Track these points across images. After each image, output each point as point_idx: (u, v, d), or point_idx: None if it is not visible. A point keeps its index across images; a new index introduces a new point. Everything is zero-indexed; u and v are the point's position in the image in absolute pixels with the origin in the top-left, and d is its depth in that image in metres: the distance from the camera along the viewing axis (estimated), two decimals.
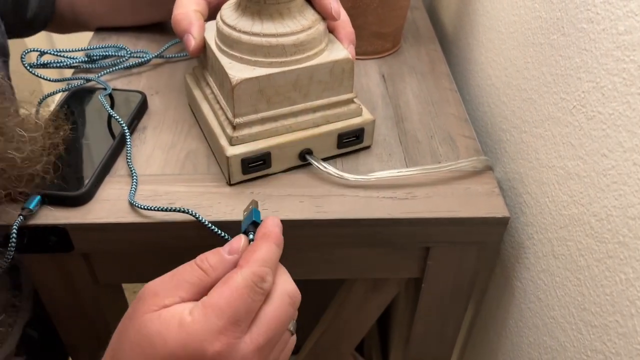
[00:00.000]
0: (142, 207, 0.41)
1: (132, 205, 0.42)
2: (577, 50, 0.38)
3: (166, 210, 0.41)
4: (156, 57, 0.58)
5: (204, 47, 0.46)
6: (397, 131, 0.51)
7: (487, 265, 0.56)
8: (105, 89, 0.51)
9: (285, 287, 0.35)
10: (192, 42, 0.45)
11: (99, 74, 0.55)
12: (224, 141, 0.44)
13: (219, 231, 0.41)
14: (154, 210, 0.41)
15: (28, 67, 0.52)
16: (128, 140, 0.47)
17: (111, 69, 0.56)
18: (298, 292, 0.35)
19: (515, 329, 0.50)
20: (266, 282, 0.33)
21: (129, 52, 0.57)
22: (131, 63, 0.57)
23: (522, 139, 0.47)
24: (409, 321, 0.55)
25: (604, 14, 0.35)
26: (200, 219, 0.41)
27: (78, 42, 0.64)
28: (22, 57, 0.52)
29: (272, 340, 0.33)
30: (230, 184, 0.44)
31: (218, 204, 0.43)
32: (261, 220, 0.37)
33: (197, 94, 0.48)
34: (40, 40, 1.62)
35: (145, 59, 0.57)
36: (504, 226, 0.44)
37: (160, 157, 0.47)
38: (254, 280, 0.33)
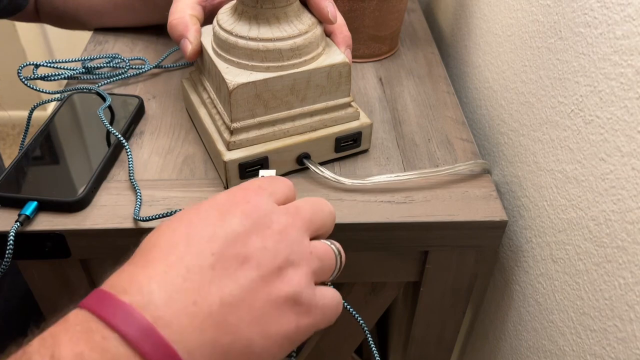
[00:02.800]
0: (144, 219, 0.41)
1: (137, 220, 0.41)
2: (575, 54, 0.38)
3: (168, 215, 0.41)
4: (155, 67, 0.57)
5: (200, 51, 0.46)
6: (394, 134, 0.51)
7: (486, 269, 0.56)
8: (104, 100, 0.51)
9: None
10: (189, 46, 0.45)
11: (98, 85, 0.54)
12: (221, 146, 0.43)
13: None
14: (156, 219, 0.41)
15: (24, 80, 0.52)
16: (129, 154, 0.46)
17: (110, 80, 0.55)
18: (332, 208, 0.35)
19: (514, 333, 0.50)
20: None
21: (127, 63, 0.57)
22: (130, 74, 0.56)
23: (520, 142, 0.47)
24: (408, 324, 0.55)
25: (601, 18, 0.35)
26: None
27: (78, 52, 0.63)
28: (18, 72, 0.51)
29: (303, 219, 0.32)
30: (227, 189, 0.44)
31: None
32: None
33: (194, 98, 0.48)
34: (39, 50, 1.62)
35: (144, 69, 0.57)
36: (502, 230, 0.44)
37: (157, 162, 0.47)
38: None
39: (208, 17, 0.49)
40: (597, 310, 0.37)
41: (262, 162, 0.44)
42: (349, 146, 0.47)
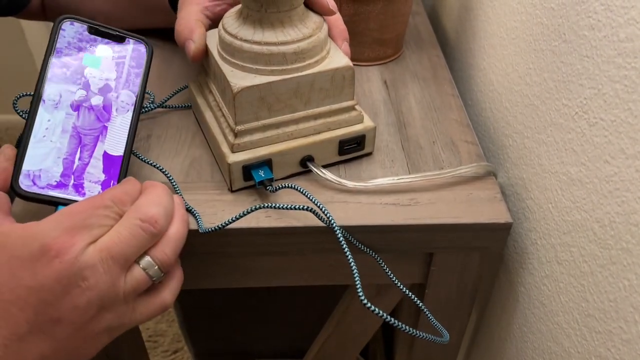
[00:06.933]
0: (210, 230, 0.41)
1: (204, 233, 0.41)
2: (579, 57, 0.38)
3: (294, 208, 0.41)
4: (159, 107, 0.53)
5: (205, 53, 0.46)
6: (399, 137, 0.51)
7: (491, 271, 0.56)
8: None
9: (139, 210, 0.35)
10: (192, 45, 0.45)
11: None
12: (225, 148, 0.44)
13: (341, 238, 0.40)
14: (217, 230, 0.41)
15: (21, 113, 0.45)
16: (176, 187, 0.44)
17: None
18: (155, 216, 0.35)
19: (520, 335, 0.50)
20: (116, 206, 0.35)
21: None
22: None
23: (524, 145, 0.47)
24: (413, 326, 0.55)
25: (605, 21, 0.35)
26: (334, 227, 0.40)
27: None
28: (14, 103, 0.47)
29: (117, 259, 0.33)
30: (231, 191, 0.45)
31: (222, 212, 0.43)
32: None
33: (201, 101, 0.49)
34: None
35: (147, 108, 0.52)
36: (507, 232, 0.44)
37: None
38: (106, 198, 0.35)
39: (212, 25, 0.49)
40: (602, 312, 0.37)
41: (265, 165, 0.44)
42: (353, 149, 0.47)
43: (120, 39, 0.44)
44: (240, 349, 1.10)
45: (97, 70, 0.42)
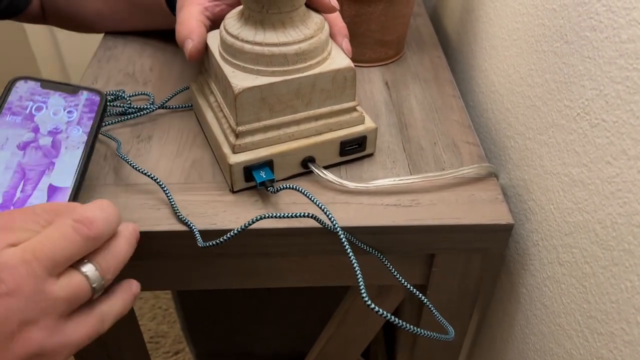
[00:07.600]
0: (210, 245, 0.40)
1: (203, 247, 0.41)
2: (581, 58, 0.38)
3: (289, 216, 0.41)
4: (159, 107, 0.53)
5: (203, 52, 0.46)
6: (400, 138, 0.51)
7: (493, 272, 0.56)
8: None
9: (74, 211, 0.31)
10: (190, 43, 0.45)
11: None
12: (226, 149, 0.44)
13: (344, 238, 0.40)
14: (220, 243, 0.40)
15: None
16: (165, 190, 0.44)
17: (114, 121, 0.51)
18: (91, 218, 0.31)
19: (521, 336, 0.50)
20: (46, 214, 0.31)
21: (128, 101, 0.53)
22: (129, 115, 0.52)
23: (526, 146, 0.47)
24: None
25: (607, 22, 0.35)
26: (338, 230, 0.40)
27: (88, 58, 0.62)
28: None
29: (43, 261, 0.29)
30: (232, 192, 0.45)
31: (223, 212, 0.43)
32: None
33: (202, 102, 0.49)
34: (49, 55, 1.63)
35: (147, 110, 0.52)
36: (508, 233, 0.44)
37: (165, 166, 0.47)
38: (35, 206, 0.32)
39: (212, 26, 0.49)
40: (604, 314, 0.36)
41: (266, 165, 0.44)
42: (354, 150, 0.47)
43: (73, 91, 0.44)
44: (241, 350, 1.10)
45: (48, 117, 0.42)
